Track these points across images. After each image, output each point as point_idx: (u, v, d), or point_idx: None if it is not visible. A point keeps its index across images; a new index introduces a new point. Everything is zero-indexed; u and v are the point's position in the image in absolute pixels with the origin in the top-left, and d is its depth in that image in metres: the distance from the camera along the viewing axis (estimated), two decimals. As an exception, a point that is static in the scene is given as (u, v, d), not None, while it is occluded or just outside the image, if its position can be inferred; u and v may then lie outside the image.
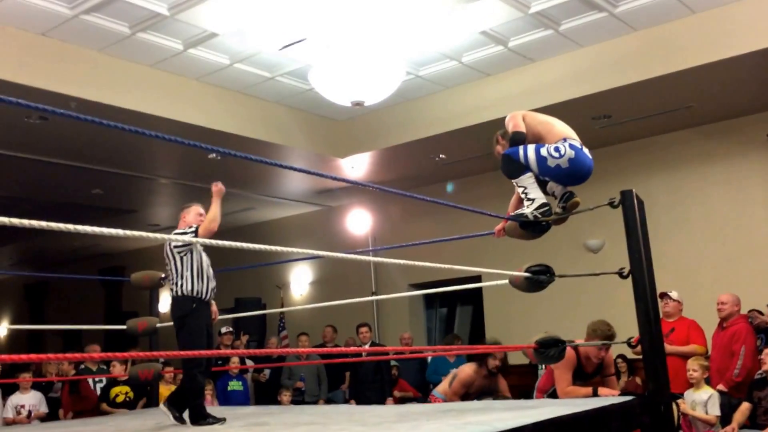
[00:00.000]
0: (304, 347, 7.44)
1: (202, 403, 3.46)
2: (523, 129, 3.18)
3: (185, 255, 3.55)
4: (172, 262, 3.58)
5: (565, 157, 3.03)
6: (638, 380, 6.06)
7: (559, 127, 3.18)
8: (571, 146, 3.06)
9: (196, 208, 3.79)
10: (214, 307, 3.82)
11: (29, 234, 9.94)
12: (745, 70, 5.43)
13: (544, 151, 3.07)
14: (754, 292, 5.74)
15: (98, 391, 6.21)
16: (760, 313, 5.42)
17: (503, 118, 6.60)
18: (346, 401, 7.03)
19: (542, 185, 3.22)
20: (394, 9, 5.04)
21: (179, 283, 3.54)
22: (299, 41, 5.42)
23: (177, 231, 3.71)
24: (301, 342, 7.55)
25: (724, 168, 6.69)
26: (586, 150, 3.13)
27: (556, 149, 3.06)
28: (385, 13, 5.09)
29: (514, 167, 3.13)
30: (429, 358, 6.94)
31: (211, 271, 3.68)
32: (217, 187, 3.62)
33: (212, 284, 3.68)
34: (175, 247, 3.55)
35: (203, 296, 3.58)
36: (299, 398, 6.92)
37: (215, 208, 3.55)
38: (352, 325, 7.63)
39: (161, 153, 7.00)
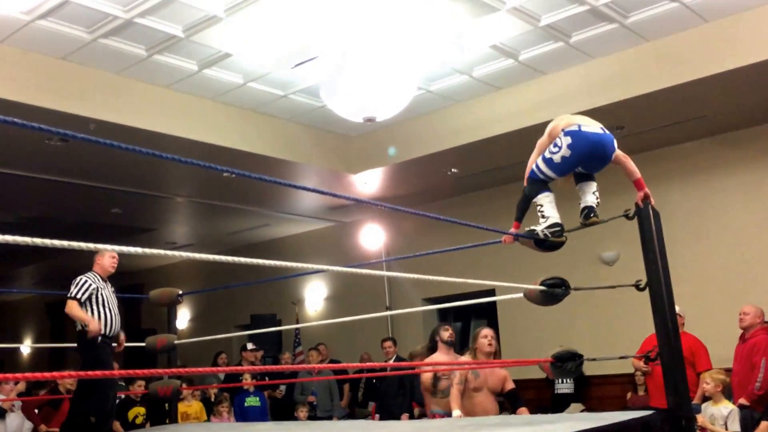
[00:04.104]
0: (314, 362, 7.48)
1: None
2: (530, 166, 3.19)
3: (86, 300, 4.08)
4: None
5: (564, 147, 3.01)
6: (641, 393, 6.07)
7: (563, 123, 3.13)
8: (566, 133, 3.03)
9: (110, 253, 4.28)
10: (121, 336, 4.36)
11: (51, 253, 10.09)
12: (758, 78, 5.39)
13: (547, 154, 3.08)
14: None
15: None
16: None
17: (515, 132, 6.63)
18: (366, 417, 7.02)
19: (584, 178, 3.18)
20: (405, 25, 5.10)
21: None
22: (311, 59, 5.49)
23: (82, 276, 4.19)
24: (312, 357, 7.57)
25: (741, 177, 6.61)
26: (590, 128, 3.04)
27: (555, 144, 3.05)
28: (396, 29, 5.14)
29: (534, 188, 3.17)
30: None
31: (115, 309, 4.22)
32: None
33: (116, 320, 4.20)
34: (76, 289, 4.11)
35: (106, 332, 4.06)
36: (312, 413, 6.92)
37: (80, 316, 4.07)
38: (367, 340, 7.62)
39: (177, 172, 7.10)
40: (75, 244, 1.78)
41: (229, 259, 2.14)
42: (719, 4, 5.04)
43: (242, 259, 2.16)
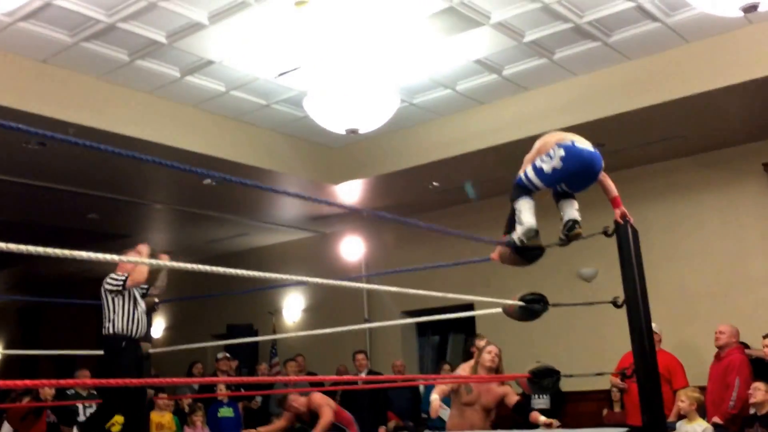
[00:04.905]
0: (292, 373, 7.40)
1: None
2: (519, 175, 3.20)
3: (116, 296, 3.90)
4: (104, 302, 3.92)
5: (556, 158, 3.01)
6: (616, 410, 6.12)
7: (555, 138, 3.16)
8: (560, 146, 3.04)
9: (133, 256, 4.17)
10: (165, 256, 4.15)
11: (24, 259, 9.89)
12: (738, 99, 5.50)
13: (538, 162, 3.09)
14: (750, 323, 5.71)
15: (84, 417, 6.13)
16: (746, 346, 5.40)
17: (497, 146, 6.67)
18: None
19: (566, 196, 3.19)
20: (389, 37, 5.13)
21: (113, 321, 3.85)
22: (294, 69, 5.49)
23: (113, 275, 4.03)
24: (291, 368, 7.50)
25: (719, 197, 6.71)
26: (583, 144, 3.06)
27: (547, 155, 3.06)
28: (380, 42, 5.17)
29: (517, 192, 3.17)
30: (421, 387, 6.87)
31: (142, 308, 4.03)
32: (164, 257, 4.01)
33: (144, 323, 4.03)
34: (107, 289, 3.93)
35: (133, 335, 3.90)
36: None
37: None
38: (345, 352, 7.56)
39: (157, 178, 7.02)
40: (51, 250, 1.74)
41: (207, 268, 2.11)
42: (701, 26, 5.14)
43: (219, 269, 2.13)
